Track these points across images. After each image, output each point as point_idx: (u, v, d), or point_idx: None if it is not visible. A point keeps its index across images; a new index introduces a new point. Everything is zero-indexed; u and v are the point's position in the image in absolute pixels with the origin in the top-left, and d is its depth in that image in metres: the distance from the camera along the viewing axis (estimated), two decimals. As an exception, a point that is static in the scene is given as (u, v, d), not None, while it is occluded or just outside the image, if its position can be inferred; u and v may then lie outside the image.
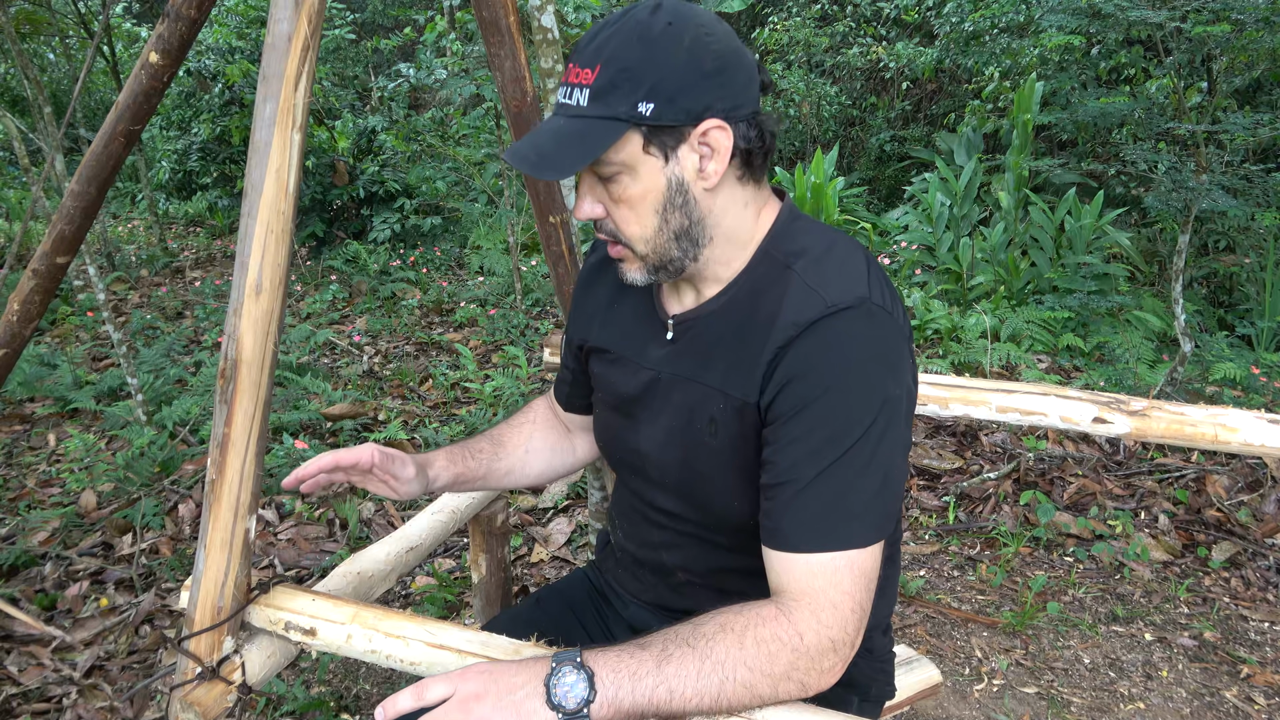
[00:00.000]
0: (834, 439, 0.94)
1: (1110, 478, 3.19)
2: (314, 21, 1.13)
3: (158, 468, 3.20)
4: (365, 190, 6.65)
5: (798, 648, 0.92)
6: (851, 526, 0.94)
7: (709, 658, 0.91)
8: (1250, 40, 3.39)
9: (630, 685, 0.90)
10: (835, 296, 0.96)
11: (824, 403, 0.94)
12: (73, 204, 1.75)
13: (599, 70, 0.93)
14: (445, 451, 1.31)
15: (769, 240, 1.05)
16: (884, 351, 0.96)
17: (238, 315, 1.15)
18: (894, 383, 0.96)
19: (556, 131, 0.95)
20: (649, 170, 0.96)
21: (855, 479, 0.94)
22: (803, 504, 0.94)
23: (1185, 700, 2.21)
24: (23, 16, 5.92)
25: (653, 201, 0.98)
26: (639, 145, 0.95)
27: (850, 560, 0.94)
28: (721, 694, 0.91)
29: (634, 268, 1.05)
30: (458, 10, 7.16)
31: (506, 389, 3.90)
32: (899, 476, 0.98)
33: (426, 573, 2.71)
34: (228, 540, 1.17)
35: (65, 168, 4.20)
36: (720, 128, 0.95)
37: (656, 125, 0.94)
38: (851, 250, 1.03)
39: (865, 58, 7.40)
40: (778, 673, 0.92)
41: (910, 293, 4.87)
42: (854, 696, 1.21)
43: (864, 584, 0.95)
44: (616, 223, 1.01)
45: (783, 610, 0.94)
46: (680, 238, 1.01)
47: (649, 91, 0.92)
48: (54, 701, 2.16)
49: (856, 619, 0.95)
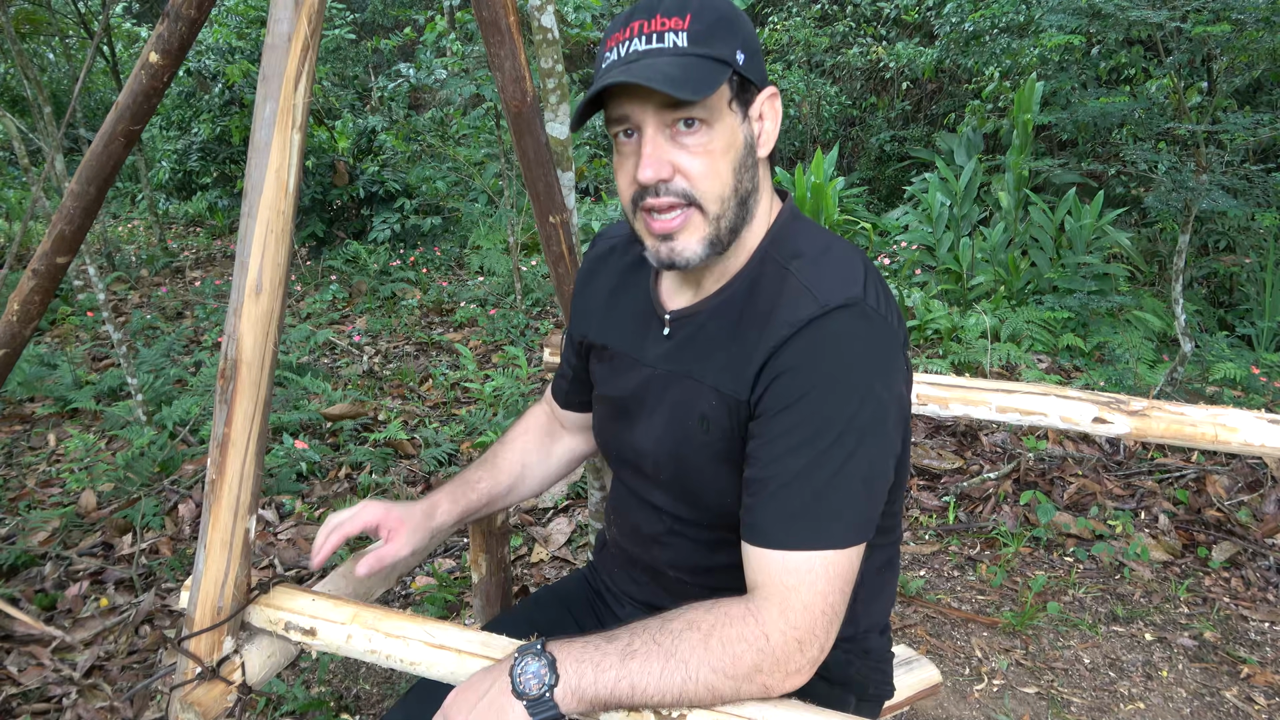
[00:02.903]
0: (816, 436, 0.93)
1: (1110, 478, 3.19)
2: (314, 21, 1.13)
3: (158, 468, 3.20)
4: (365, 190, 6.65)
5: (763, 649, 0.92)
6: (830, 526, 0.93)
7: (673, 656, 0.92)
8: (1250, 40, 3.39)
9: (594, 675, 0.91)
10: (829, 297, 0.96)
11: (809, 400, 0.94)
12: (73, 204, 1.75)
13: (690, 18, 0.94)
14: (446, 493, 1.33)
15: (769, 239, 1.06)
16: (874, 353, 0.95)
17: (238, 315, 1.15)
18: (882, 385, 0.95)
19: (669, 63, 0.92)
20: (730, 125, 0.97)
21: (835, 478, 0.93)
22: (782, 500, 0.94)
23: (1185, 700, 2.21)
24: (23, 16, 5.92)
25: (732, 158, 0.98)
26: (726, 97, 0.97)
27: (826, 561, 0.93)
28: (684, 693, 0.92)
29: (696, 236, 0.99)
30: (458, 10, 7.15)
31: (506, 389, 3.90)
32: (882, 480, 0.97)
33: (426, 573, 2.71)
34: (228, 540, 1.17)
35: (65, 168, 4.20)
36: (776, 96, 1.01)
37: (745, 78, 0.97)
38: (848, 253, 1.03)
39: (865, 58, 7.40)
40: (741, 674, 0.92)
41: (910, 293, 4.87)
42: (851, 696, 1.21)
43: (838, 586, 0.94)
44: (692, 178, 0.97)
45: (751, 609, 0.93)
46: (744, 203, 1.01)
47: (743, 43, 0.97)
48: (54, 701, 2.16)
49: (827, 621, 0.94)
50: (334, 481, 3.26)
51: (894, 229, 6.15)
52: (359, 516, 1.26)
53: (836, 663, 1.15)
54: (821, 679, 1.15)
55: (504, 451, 1.41)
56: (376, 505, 1.27)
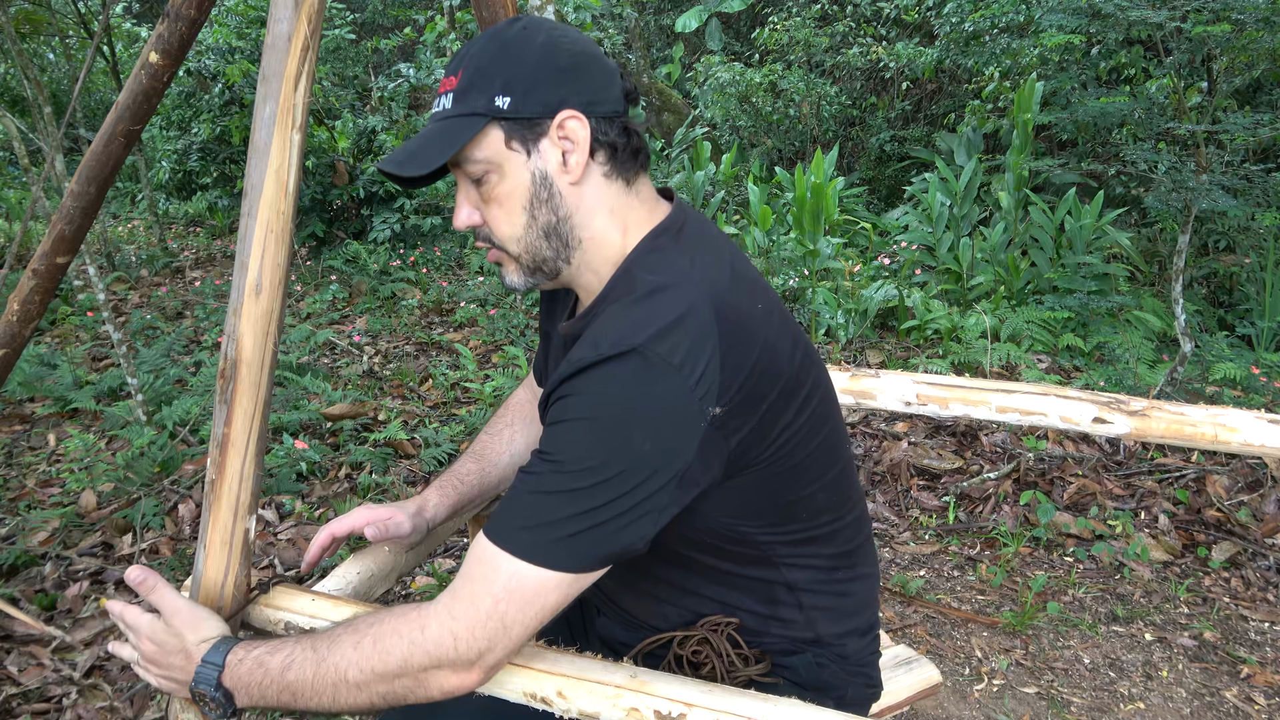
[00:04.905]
0: (554, 458, 0.92)
1: (1110, 478, 3.19)
2: (314, 21, 1.13)
3: (158, 468, 3.20)
4: (365, 190, 6.64)
5: (415, 640, 0.93)
6: (521, 536, 0.91)
7: (325, 661, 0.96)
8: (1250, 40, 3.39)
9: (259, 694, 0.99)
10: (612, 343, 0.92)
11: (563, 426, 0.93)
12: (73, 204, 1.75)
13: (460, 74, 1.00)
14: (436, 488, 1.35)
15: (624, 267, 1.05)
16: (639, 404, 0.90)
17: (238, 315, 1.15)
18: (643, 435, 0.90)
19: (425, 134, 1.01)
20: (514, 167, 1.00)
21: (549, 498, 0.91)
22: (504, 502, 0.95)
23: (1185, 700, 2.21)
24: (23, 16, 5.92)
25: (520, 198, 1.01)
26: (501, 141, 0.99)
27: (514, 570, 0.91)
28: (336, 697, 0.95)
29: (511, 270, 1.07)
30: (458, 10, 7.16)
31: (506, 389, 3.90)
32: (613, 527, 0.91)
33: (426, 573, 2.71)
34: (228, 540, 1.17)
35: (65, 168, 4.20)
36: (576, 118, 0.99)
37: (515, 118, 0.98)
38: (678, 294, 0.95)
39: (865, 58, 7.40)
40: (390, 670, 0.93)
41: (910, 293, 4.87)
42: (828, 700, 1.17)
43: (518, 600, 0.91)
44: (490, 225, 1.04)
45: (427, 604, 0.95)
46: (550, 235, 1.03)
47: (504, 86, 0.97)
48: (54, 701, 2.16)
49: (493, 629, 0.91)
50: (334, 481, 3.26)
51: (894, 229, 6.15)
52: (348, 517, 1.30)
53: (805, 666, 1.15)
54: (792, 684, 1.15)
55: (490, 441, 1.42)
56: (367, 506, 1.32)
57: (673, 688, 1.00)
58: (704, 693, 0.99)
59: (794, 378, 1.01)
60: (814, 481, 1.07)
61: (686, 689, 1.00)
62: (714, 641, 1.13)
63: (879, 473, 3.30)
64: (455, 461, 1.40)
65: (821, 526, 1.12)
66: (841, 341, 4.58)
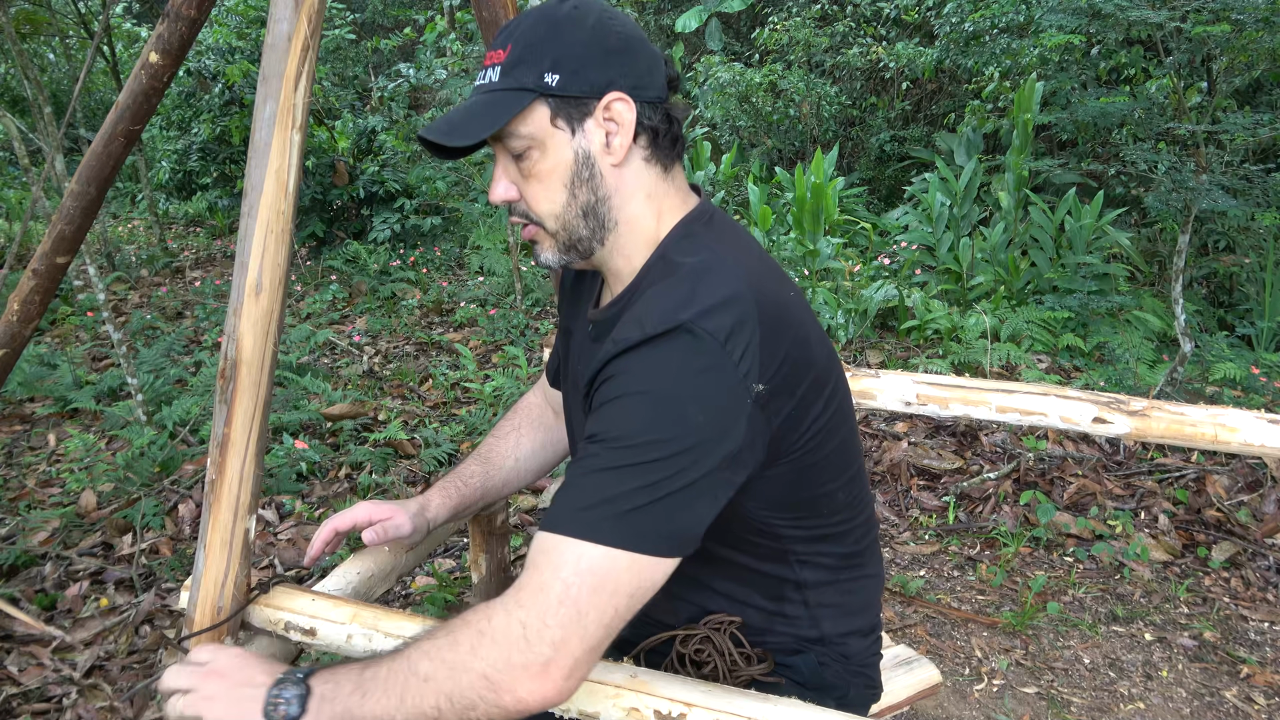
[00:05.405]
0: (610, 439, 0.91)
1: (1110, 478, 3.19)
2: (314, 21, 1.13)
3: (158, 468, 3.20)
4: (365, 190, 6.65)
5: (483, 630, 0.88)
6: (583, 516, 0.88)
7: (414, 674, 0.90)
8: (1250, 40, 3.39)
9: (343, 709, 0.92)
10: (658, 321, 0.92)
11: (616, 405, 0.92)
12: (73, 204, 1.75)
13: (509, 49, 0.99)
14: (438, 488, 1.35)
15: (660, 250, 1.05)
16: (692, 378, 0.91)
17: (238, 315, 1.15)
18: (698, 409, 0.90)
19: (469, 106, 1.01)
20: (557, 144, 1.00)
21: (609, 477, 0.89)
22: (563, 489, 0.92)
23: (1185, 700, 2.21)
24: (23, 16, 5.92)
25: (561, 176, 1.01)
26: (547, 117, 0.99)
27: (580, 551, 0.87)
28: (405, 695, 0.89)
29: (546, 248, 1.07)
30: (458, 10, 7.16)
31: (506, 389, 3.90)
32: (680, 500, 0.90)
33: (426, 573, 2.71)
34: (228, 540, 1.17)
35: (65, 168, 4.20)
36: (622, 100, 0.99)
37: (562, 95, 0.98)
38: (721, 273, 0.96)
39: (865, 58, 7.39)
40: (458, 660, 0.88)
41: (910, 293, 4.87)
42: (829, 700, 1.17)
43: (589, 582, 0.86)
44: (528, 201, 1.04)
45: (496, 599, 0.90)
46: (588, 214, 1.03)
47: (554, 63, 0.98)
48: (54, 701, 2.16)
49: (565, 616, 0.86)
50: (334, 481, 3.26)
51: (894, 229, 6.15)
52: (350, 512, 1.30)
53: (807, 665, 1.15)
54: (794, 684, 1.15)
55: (496, 444, 1.42)
56: (368, 502, 1.31)
57: (673, 688, 1.00)
58: (704, 693, 0.99)
59: (824, 370, 1.02)
60: (835, 478, 1.08)
61: (687, 689, 1.00)
62: (716, 640, 1.13)
63: (879, 473, 3.31)
64: (460, 463, 1.40)
65: (837, 525, 1.12)
66: (841, 341, 4.58)
